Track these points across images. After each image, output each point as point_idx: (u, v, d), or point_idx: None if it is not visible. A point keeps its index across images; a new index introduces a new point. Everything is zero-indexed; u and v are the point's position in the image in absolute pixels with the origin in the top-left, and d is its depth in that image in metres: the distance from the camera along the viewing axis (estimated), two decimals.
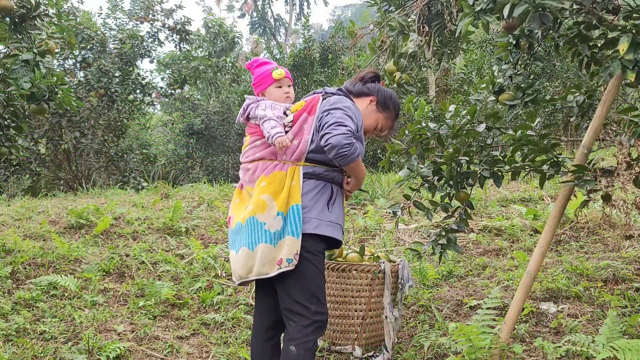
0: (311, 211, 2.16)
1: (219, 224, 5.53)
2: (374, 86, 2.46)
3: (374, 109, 2.43)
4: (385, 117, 2.45)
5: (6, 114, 4.03)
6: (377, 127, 2.46)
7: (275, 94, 2.34)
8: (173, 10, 11.37)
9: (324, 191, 2.21)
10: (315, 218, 2.16)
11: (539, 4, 2.14)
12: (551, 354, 2.75)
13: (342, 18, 42.34)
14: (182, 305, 3.66)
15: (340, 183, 2.31)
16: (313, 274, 2.16)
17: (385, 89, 2.49)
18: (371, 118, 2.42)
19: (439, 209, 3.09)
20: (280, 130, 2.19)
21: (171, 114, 14.85)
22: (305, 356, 2.09)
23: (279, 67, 2.37)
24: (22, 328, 3.10)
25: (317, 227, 2.16)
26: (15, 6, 3.82)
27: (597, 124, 2.50)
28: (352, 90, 2.45)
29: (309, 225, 2.14)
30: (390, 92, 2.49)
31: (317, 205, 2.18)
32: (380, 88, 2.47)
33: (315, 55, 11.95)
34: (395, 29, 3.37)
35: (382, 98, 2.44)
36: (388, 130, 2.51)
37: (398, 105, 2.50)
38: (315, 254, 2.17)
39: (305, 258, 2.14)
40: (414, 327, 3.39)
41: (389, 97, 2.46)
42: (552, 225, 2.60)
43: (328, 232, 2.18)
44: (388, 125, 2.48)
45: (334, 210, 2.23)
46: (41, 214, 5.60)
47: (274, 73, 2.33)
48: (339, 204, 2.27)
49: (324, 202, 2.20)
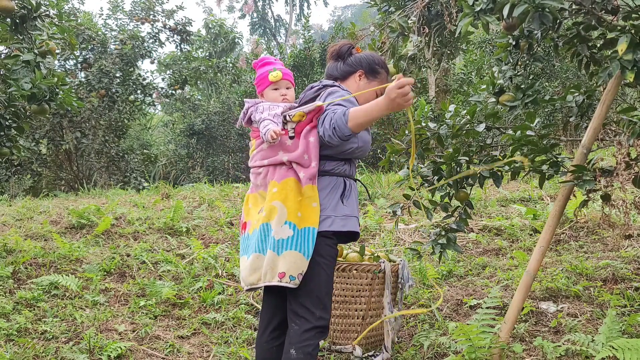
0: (325, 210, 2.13)
1: (219, 224, 5.54)
2: (354, 59, 2.38)
3: (366, 81, 2.36)
4: (379, 82, 2.37)
5: (7, 115, 4.04)
6: (377, 96, 2.32)
7: (271, 95, 2.30)
8: (174, 11, 11.40)
9: (337, 187, 2.18)
10: (331, 215, 2.13)
11: (538, 4, 2.14)
12: (551, 353, 2.76)
13: (342, 18, 42.35)
14: (183, 305, 3.67)
15: (352, 176, 2.27)
16: (323, 280, 2.13)
17: (365, 55, 2.40)
18: (368, 92, 2.33)
19: (439, 209, 3.10)
20: (272, 127, 2.13)
21: (172, 114, 14.87)
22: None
23: (277, 69, 2.31)
24: (23, 328, 3.11)
25: (332, 224, 2.12)
26: (16, 7, 3.83)
27: (597, 124, 2.51)
28: (337, 75, 2.39)
29: (324, 224, 2.11)
30: (370, 55, 2.41)
31: (331, 202, 2.15)
32: (360, 57, 2.38)
33: (315, 55, 11.96)
34: (396, 31, 3.38)
35: (367, 66, 2.37)
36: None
37: (384, 62, 2.42)
38: (327, 259, 2.15)
39: (317, 263, 2.11)
40: (414, 326, 3.40)
41: (373, 61, 2.38)
42: (551, 225, 2.61)
43: (344, 227, 2.14)
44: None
45: (349, 203, 2.19)
46: (42, 214, 5.61)
47: (270, 75, 2.29)
48: (353, 197, 2.23)
49: (338, 197, 2.17)
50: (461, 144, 2.98)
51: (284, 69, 2.34)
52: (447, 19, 3.28)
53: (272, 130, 2.09)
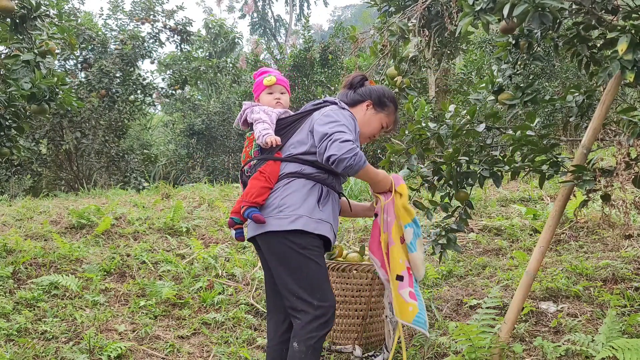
0: (300, 209, 2.16)
1: (219, 224, 5.54)
2: (364, 90, 2.47)
3: (373, 112, 2.44)
4: (386, 115, 2.46)
5: (7, 115, 4.04)
6: (383, 127, 2.48)
7: (266, 99, 2.42)
8: (174, 11, 11.40)
9: (313, 190, 2.21)
10: (305, 215, 2.15)
11: (538, 3, 2.14)
12: (551, 353, 2.76)
13: (342, 18, 42.34)
14: (183, 305, 3.67)
15: (332, 186, 2.29)
16: (311, 269, 2.15)
17: (376, 88, 2.49)
18: (374, 121, 2.44)
19: (439, 209, 3.10)
20: (270, 132, 2.26)
21: (172, 114, 14.88)
22: (307, 353, 2.08)
23: (271, 74, 2.43)
24: (23, 328, 3.11)
25: (306, 224, 2.15)
26: (16, 7, 3.83)
27: (597, 124, 2.51)
28: (346, 101, 2.46)
29: (298, 222, 2.14)
30: (381, 88, 2.49)
31: (307, 204, 2.17)
32: (371, 89, 2.47)
33: (316, 55, 11.96)
34: (396, 34, 3.38)
35: (376, 98, 2.44)
36: (393, 125, 2.52)
37: (393, 97, 2.50)
38: (311, 249, 2.17)
39: (301, 254, 2.14)
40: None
41: (383, 94, 2.46)
42: (551, 225, 2.60)
43: (316, 230, 2.17)
44: (392, 120, 2.49)
45: (325, 209, 2.22)
46: (42, 214, 5.61)
47: (265, 80, 2.42)
48: (331, 204, 2.26)
49: (314, 201, 2.19)
50: (461, 144, 2.98)
51: (280, 75, 2.47)
52: (447, 19, 3.28)
53: (271, 139, 2.21)
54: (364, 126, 2.42)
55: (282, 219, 2.15)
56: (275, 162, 2.26)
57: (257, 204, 2.21)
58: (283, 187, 2.21)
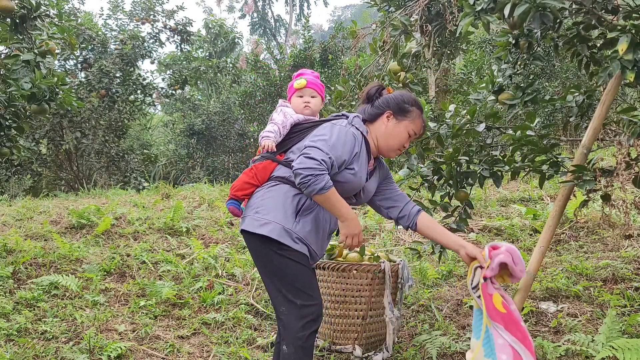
0: (271, 214, 2.09)
1: (219, 224, 5.54)
2: (382, 101, 2.29)
3: (395, 122, 2.25)
4: (410, 121, 2.26)
5: (7, 115, 4.04)
6: (410, 135, 2.28)
7: (295, 102, 2.41)
8: (174, 11, 11.41)
9: (294, 200, 2.12)
10: (275, 222, 2.08)
11: (539, 3, 2.14)
12: (551, 353, 2.76)
13: (342, 18, 42.37)
14: (183, 305, 3.67)
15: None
16: (292, 270, 2.09)
17: (394, 95, 2.31)
18: (399, 131, 2.25)
19: (439, 209, 3.10)
20: (271, 136, 2.25)
21: (172, 114, 14.88)
22: (297, 354, 2.04)
23: (304, 77, 2.41)
24: (23, 328, 3.11)
25: (276, 232, 2.07)
26: (16, 7, 3.83)
27: (597, 124, 2.51)
28: (366, 117, 2.29)
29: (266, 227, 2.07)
30: (399, 94, 2.31)
31: (281, 211, 2.10)
32: (388, 98, 2.30)
33: (316, 55, 11.96)
34: (398, 29, 3.38)
35: (395, 107, 2.26)
36: (422, 129, 2.32)
37: (415, 100, 2.30)
38: (288, 249, 2.09)
39: (280, 254, 2.08)
40: (414, 326, 3.40)
41: (402, 100, 2.27)
42: (551, 225, 2.60)
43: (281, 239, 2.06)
44: (419, 125, 2.28)
45: (304, 224, 2.11)
46: (42, 214, 5.61)
47: (295, 83, 2.40)
48: (313, 221, 2.14)
49: (292, 211, 2.11)
50: (461, 143, 2.98)
51: (312, 78, 2.43)
52: (448, 19, 3.28)
53: (266, 142, 2.24)
54: (389, 139, 2.25)
55: (255, 220, 2.11)
56: (272, 163, 2.24)
57: (237, 197, 2.26)
58: (266, 189, 2.18)
